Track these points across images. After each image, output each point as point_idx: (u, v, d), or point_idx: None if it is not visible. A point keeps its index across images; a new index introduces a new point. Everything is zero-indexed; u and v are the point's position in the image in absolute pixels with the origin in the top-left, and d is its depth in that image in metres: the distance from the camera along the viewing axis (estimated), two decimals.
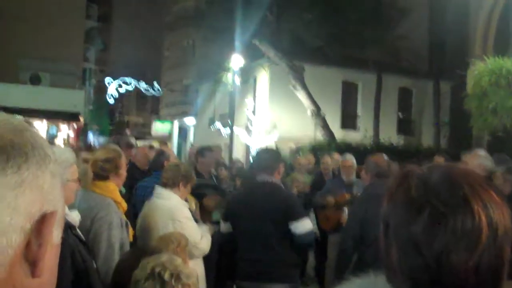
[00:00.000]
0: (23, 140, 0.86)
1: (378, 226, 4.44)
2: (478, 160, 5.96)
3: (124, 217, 4.49)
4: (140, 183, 6.60)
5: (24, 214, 0.84)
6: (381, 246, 1.26)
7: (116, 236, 4.21)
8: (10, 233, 0.82)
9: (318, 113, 21.70)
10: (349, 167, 8.29)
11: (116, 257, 4.15)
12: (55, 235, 0.90)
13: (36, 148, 0.87)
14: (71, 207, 3.66)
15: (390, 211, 1.25)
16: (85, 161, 4.37)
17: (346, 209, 7.53)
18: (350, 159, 8.49)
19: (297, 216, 5.07)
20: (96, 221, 4.17)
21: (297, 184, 8.79)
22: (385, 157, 5.61)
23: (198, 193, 7.17)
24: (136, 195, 6.41)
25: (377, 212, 4.59)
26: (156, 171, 6.63)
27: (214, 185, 8.11)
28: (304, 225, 5.07)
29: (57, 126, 27.26)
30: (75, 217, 3.54)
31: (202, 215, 6.74)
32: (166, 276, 2.79)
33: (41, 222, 0.86)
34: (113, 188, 4.51)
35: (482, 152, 6.26)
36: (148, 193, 5.74)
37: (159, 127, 43.31)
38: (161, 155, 6.97)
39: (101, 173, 4.46)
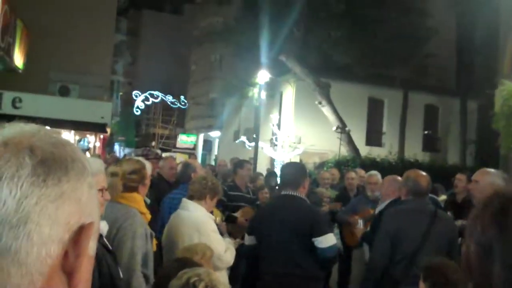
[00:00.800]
0: (63, 153, 0.88)
1: (412, 242, 4.32)
2: (490, 177, 5.85)
3: (148, 228, 4.50)
4: (167, 195, 6.63)
5: (63, 226, 0.85)
6: (475, 267, 1.27)
7: (139, 246, 4.22)
8: (49, 243, 0.83)
9: (343, 128, 21.65)
10: (374, 183, 8.23)
11: (138, 267, 4.18)
12: (91, 246, 0.91)
13: (75, 161, 0.90)
14: (101, 216, 3.67)
15: (495, 235, 1.24)
16: (114, 174, 4.37)
17: (361, 222, 7.45)
18: (376, 175, 8.43)
19: (321, 232, 5.04)
20: (121, 230, 4.20)
21: (326, 199, 8.79)
22: (424, 173, 5.51)
23: (233, 206, 7.22)
24: (163, 207, 6.43)
25: (412, 229, 4.50)
26: (184, 184, 6.64)
27: (250, 198, 8.17)
28: (328, 240, 5.04)
29: (87, 138, 27.55)
30: (103, 226, 3.55)
31: (236, 229, 6.75)
32: (200, 287, 2.79)
33: (79, 234, 0.88)
34: (139, 199, 4.54)
35: (493, 170, 6.14)
36: (175, 205, 5.76)
37: (184, 140, 43.54)
38: (187, 167, 6.98)
39: (130, 185, 4.50)
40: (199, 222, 5.06)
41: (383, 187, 6.97)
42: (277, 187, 11.54)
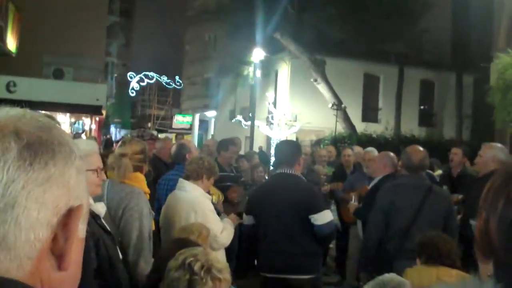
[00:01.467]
0: (50, 137, 0.88)
1: (405, 217, 4.36)
2: (492, 151, 5.91)
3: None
4: (163, 176, 6.62)
5: (51, 209, 0.85)
6: (499, 242, 1.21)
7: (146, 226, 4.23)
8: (37, 227, 0.84)
9: (339, 105, 21.67)
10: (371, 160, 8.23)
11: (147, 246, 4.19)
12: (81, 229, 0.91)
13: (62, 145, 0.89)
14: (96, 199, 3.67)
15: None
16: (123, 155, 4.38)
17: (354, 198, 7.47)
18: (372, 151, 8.42)
19: (318, 209, 5.07)
20: (127, 211, 4.18)
21: (323, 177, 8.80)
22: (421, 149, 5.53)
23: (222, 186, 7.20)
24: (159, 188, 6.43)
25: (405, 204, 4.55)
26: (179, 164, 6.64)
27: (235, 177, 8.12)
28: (325, 216, 5.07)
29: (82, 120, 27.50)
30: (100, 208, 3.54)
31: (227, 207, 6.76)
32: (196, 267, 2.80)
33: (68, 217, 0.88)
34: (142, 178, 4.56)
35: (498, 144, 6.18)
36: (171, 186, 5.76)
37: (180, 120, 43.47)
38: (182, 148, 6.95)
39: (137, 165, 4.51)
40: (195, 202, 5.08)
41: (374, 163, 6.97)
42: (271, 166, 11.55)
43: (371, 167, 7.50)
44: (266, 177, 8.98)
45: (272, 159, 21.37)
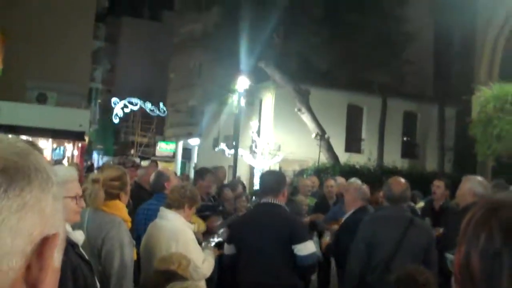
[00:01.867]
0: (26, 163, 0.86)
1: (386, 250, 4.37)
2: (470, 184, 5.94)
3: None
4: (141, 205, 6.54)
5: (26, 237, 0.84)
6: (480, 278, 1.20)
7: (128, 255, 4.20)
8: (11, 256, 0.81)
9: (322, 135, 21.73)
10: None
11: (129, 276, 4.16)
12: (56, 258, 0.89)
13: (39, 171, 0.87)
14: (76, 226, 3.65)
15: (504, 243, 1.18)
16: (95, 181, 4.34)
17: (328, 233, 7.46)
18: (355, 182, 8.43)
19: (301, 239, 5.07)
20: (108, 240, 4.15)
21: (305, 207, 8.78)
22: (402, 181, 5.56)
23: (200, 215, 7.16)
24: (138, 218, 6.32)
25: (386, 236, 4.56)
26: (158, 193, 6.59)
27: (213, 206, 8.08)
28: (307, 247, 5.07)
29: (64, 146, 27.32)
30: (78, 236, 3.51)
31: (207, 237, 6.71)
32: None
33: (43, 245, 0.86)
34: (122, 206, 4.52)
35: (477, 177, 6.21)
36: (150, 216, 5.72)
37: (163, 148, 43.39)
38: (160, 176, 6.88)
39: (112, 192, 4.46)
40: (177, 231, 5.05)
41: (346, 196, 6.93)
42: (253, 197, 11.50)
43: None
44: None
45: (255, 188, 21.36)
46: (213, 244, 6.09)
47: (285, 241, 5.05)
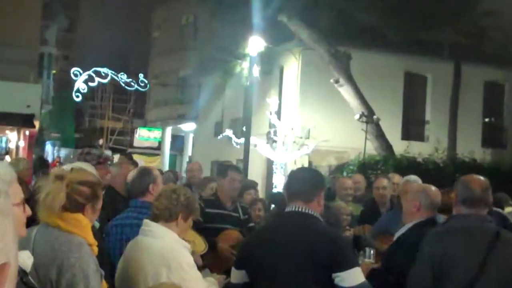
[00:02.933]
0: None
1: (464, 274, 4.36)
2: None
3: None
4: (112, 221, 6.44)
5: None
6: None
7: (96, 286, 4.18)
8: None
9: (370, 117, 21.65)
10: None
11: None
12: None
13: None
14: (20, 245, 3.63)
15: None
16: (59, 178, 4.29)
17: (371, 252, 7.44)
18: (416, 182, 8.39)
19: (346, 265, 4.96)
20: (66, 270, 4.06)
21: (346, 217, 8.77)
22: (481, 179, 5.51)
23: (214, 229, 7.20)
24: (111, 236, 6.23)
25: (464, 255, 4.51)
26: (135, 200, 6.52)
27: (237, 218, 8.13)
28: (355, 276, 4.95)
29: (5, 135, 27.44)
30: (26, 259, 3.47)
31: (216, 261, 6.72)
32: None
33: None
34: (86, 224, 4.42)
35: None
36: (127, 235, 5.73)
37: (144, 136, 43.53)
38: (144, 175, 6.83)
39: (77, 200, 4.42)
40: (168, 253, 5.02)
41: (405, 201, 6.79)
42: (272, 205, 11.50)
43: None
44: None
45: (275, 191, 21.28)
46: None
47: (322, 268, 4.97)
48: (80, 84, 43.65)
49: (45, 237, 4.17)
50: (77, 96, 44.43)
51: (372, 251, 7.43)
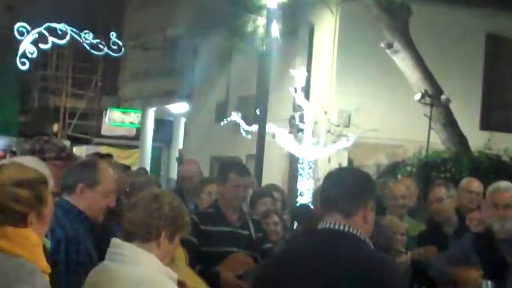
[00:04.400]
0: None
1: None
2: None
3: None
4: (68, 232, 6.46)
5: None
6: None
7: None
8: None
9: (435, 97, 21.64)
10: (505, 206, 8.13)
11: None
12: None
13: None
14: None
15: None
16: None
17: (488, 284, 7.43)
18: (507, 190, 8.33)
19: None
20: None
21: (401, 237, 8.76)
22: None
23: (213, 253, 7.19)
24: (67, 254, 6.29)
25: None
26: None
27: (245, 237, 8.14)
28: None
29: None
30: None
31: None
32: None
33: None
34: (35, 243, 4.42)
35: None
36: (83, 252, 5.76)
37: (117, 120, 43.65)
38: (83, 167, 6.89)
39: (16, 210, 4.38)
40: (147, 286, 5.00)
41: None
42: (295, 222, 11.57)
43: None
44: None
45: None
46: None
47: None
48: (27, 46, 43.84)
49: None
50: (23, 64, 44.57)
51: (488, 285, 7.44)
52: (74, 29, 44.26)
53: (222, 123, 30.17)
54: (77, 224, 6.27)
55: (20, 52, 42.44)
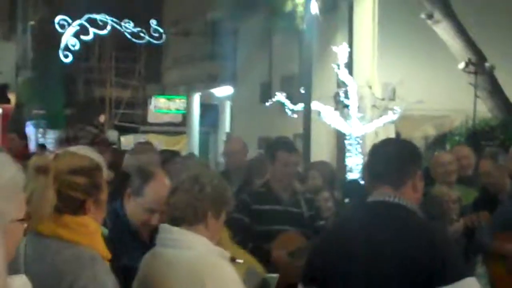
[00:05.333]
0: None
1: None
2: None
3: None
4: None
5: None
6: None
7: None
8: None
9: (480, 65, 21.48)
10: None
11: None
12: None
13: None
14: (15, 267, 3.68)
15: None
16: (41, 170, 4.22)
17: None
18: None
19: (454, 275, 4.94)
20: None
21: (453, 205, 8.72)
22: None
23: (265, 232, 7.20)
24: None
25: None
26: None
27: (298, 215, 8.13)
28: None
29: None
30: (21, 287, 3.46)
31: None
32: None
33: None
34: (94, 230, 4.48)
35: None
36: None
37: (162, 107, 43.69)
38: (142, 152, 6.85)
39: (73, 197, 4.42)
40: (202, 269, 5.02)
41: None
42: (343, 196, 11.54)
43: None
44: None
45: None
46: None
47: (421, 280, 4.96)
48: (69, 39, 43.99)
49: (40, 251, 4.21)
50: (66, 56, 44.74)
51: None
52: (114, 19, 44.38)
53: (267, 104, 30.20)
54: (122, 226, 6.16)
55: (62, 45, 42.60)
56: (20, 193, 3.38)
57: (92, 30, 43.42)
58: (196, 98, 42.02)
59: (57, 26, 43.39)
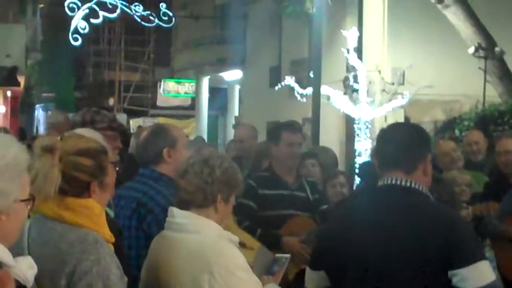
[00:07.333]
0: None
1: None
2: None
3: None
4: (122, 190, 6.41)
5: None
6: None
7: None
8: None
9: (489, 50, 21.45)
10: None
11: None
12: None
13: None
14: (18, 249, 3.68)
15: None
16: (48, 150, 4.22)
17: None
18: None
19: (467, 259, 4.94)
20: (80, 278, 4.10)
21: (465, 188, 8.71)
22: None
23: (272, 216, 7.18)
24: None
25: None
26: (147, 169, 6.62)
27: (304, 199, 8.11)
28: (480, 273, 4.95)
29: None
30: (25, 269, 3.46)
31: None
32: None
33: None
34: (99, 212, 4.47)
35: None
36: (125, 212, 5.89)
37: (171, 91, 43.67)
38: (158, 135, 6.80)
39: (78, 178, 4.41)
40: (210, 253, 5.00)
41: None
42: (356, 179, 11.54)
43: None
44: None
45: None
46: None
47: (435, 263, 4.97)
48: (78, 22, 43.98)
49: (45, 234, 4.20)
50: (75, 39, 44.70)
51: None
52: (124, 2, 44.37)
53: (276, 88, 30.19)
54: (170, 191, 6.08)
55: (72, 28, 42.60)
56: (23, 173, 3.39)
57: (101, 13, 43.41)
58: (205, 82, 42.04)
59: (66, 9, 43.37)
